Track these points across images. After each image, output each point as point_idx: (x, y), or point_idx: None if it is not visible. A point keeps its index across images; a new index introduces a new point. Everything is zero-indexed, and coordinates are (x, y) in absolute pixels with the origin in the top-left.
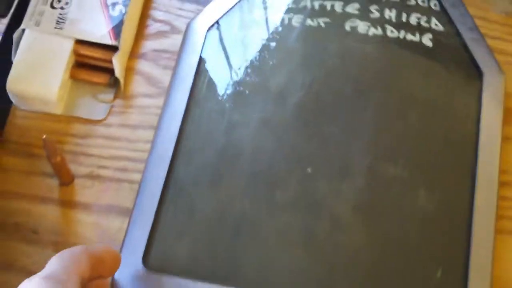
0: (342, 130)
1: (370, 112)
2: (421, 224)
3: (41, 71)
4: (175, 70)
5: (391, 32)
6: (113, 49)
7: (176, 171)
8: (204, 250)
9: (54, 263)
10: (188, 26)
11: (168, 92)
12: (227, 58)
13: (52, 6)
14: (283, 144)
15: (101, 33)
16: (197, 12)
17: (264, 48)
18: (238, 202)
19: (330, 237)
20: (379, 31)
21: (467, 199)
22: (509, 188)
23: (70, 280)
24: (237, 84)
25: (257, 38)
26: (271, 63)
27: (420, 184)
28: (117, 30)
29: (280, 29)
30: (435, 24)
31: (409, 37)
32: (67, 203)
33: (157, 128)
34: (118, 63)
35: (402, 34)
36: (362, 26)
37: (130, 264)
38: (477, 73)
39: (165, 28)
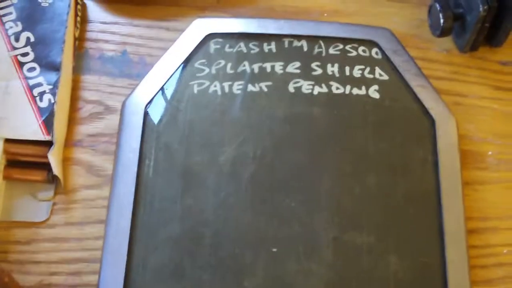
0: (301, 202)
1: (326, 178)
2: None
3: None
4: (116, 156)
5: (337, 88)
6: (47, 142)
7: (134, 270)
8: None
9: None
10: (123, 104)
11: (112, 182)
12: (171, 136)
13: None
14: (243, 225)
15: (32, 128)
16: (130, 88)
17: (208, 120)
18: None
19: None
20: (324, 89)
21: (438, 256)
22: (476, 235)
23: None
24: (185, 164)
25: (199, 110)
26: (217, 136)
27: (389, 249)
28: (48, 122)
29: (221, 98)
30: (379, 74)
31: (355, 91)
32: None
33: (106, 223)
34: (54, 158)
35: (348, 89)
36: (306, 86)
37: None
38: (428, 121)
39: (99, 109)
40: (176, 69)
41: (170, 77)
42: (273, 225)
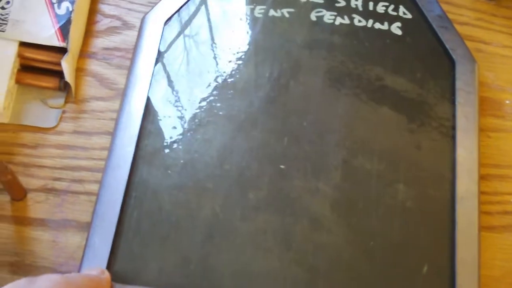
0: (313, 123)
1: (341, 103)
2: (403, 219)
3: None
4: (130, 69)
5: (359, 21)
6: (62, 50)
7: (138, 176)
8: (174, 257)
9: None
10: (143, 20)
11: (124, 94)
12: (188, 52)
13: None
14: (253, 141)
15: (48, 34)
16: (150, 6)
17: (227, 40)
18: (208, 205)
19: (310, 237)
20: (346, 21)
21: (449, 193)
22: (485, 182)
23: None
24: (199, 80)
25: (219, 30)
26: (235, 55)
27: (399, 178)
28: (64, 29)
29: (242, 20)
30: (403, 12)
31: (377, 25)
32: (21, 220)
33: (114, 131)
34: (67, 65)
35: (370, 23)
36: (328, 16)
37: None
38: (449, 62)
39: (116, 23)
40: None
41: None
42: (283, 143)
